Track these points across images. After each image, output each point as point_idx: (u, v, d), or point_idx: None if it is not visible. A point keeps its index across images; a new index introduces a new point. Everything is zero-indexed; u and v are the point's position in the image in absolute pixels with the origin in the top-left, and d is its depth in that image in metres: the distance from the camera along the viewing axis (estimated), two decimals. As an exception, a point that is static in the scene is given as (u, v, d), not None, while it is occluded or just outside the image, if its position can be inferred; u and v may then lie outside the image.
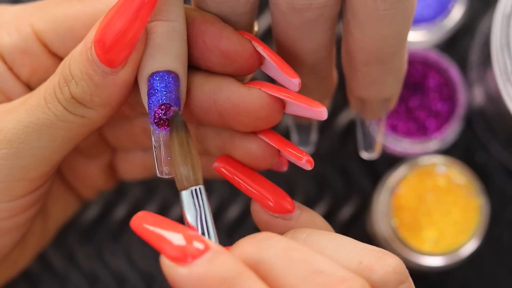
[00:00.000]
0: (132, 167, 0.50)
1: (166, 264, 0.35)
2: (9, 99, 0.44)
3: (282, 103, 0.41)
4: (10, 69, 0.44)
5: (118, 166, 0.51)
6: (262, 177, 0.42)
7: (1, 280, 0.49)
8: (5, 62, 0.44)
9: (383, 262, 0.37)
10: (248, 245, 0.36)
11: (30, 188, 0.42)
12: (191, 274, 0.34)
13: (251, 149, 0.41)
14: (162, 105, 0.39)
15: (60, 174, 0.50)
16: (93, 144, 0.49)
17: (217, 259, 0.35)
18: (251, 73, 0.42)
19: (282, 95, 0.40)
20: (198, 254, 0.35)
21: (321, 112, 0.40)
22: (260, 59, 0.41)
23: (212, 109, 0.40)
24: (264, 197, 0.41)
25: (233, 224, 0.62)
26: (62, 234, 0.61)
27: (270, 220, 0.41)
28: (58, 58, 0.44)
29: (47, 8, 0.43)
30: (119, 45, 0.38)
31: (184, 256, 0.35)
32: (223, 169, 0.42)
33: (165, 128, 0.39)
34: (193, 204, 0.38)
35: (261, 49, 0.41)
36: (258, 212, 0.42)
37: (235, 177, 0.42)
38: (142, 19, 0.38)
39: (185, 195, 0.38)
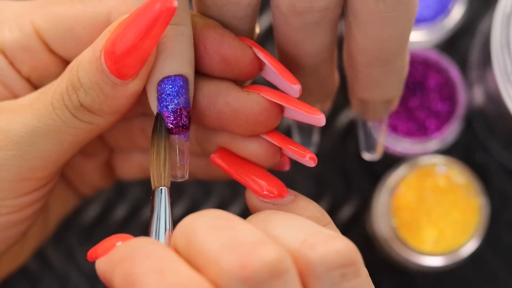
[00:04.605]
0: (129, 167, 0.50)
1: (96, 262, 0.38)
2: (11, 92, 0.44)
3: (281, 108, 0.41)
4: (11, 64, 0.44)
5: (116, 165, 0.51)
6: (258, 166, 0.42)
7: (2, 273, 0.49)
8: (6, 57, 0.44)
9: (327, 243, 0.35)
10: (184, 220, 0.37)
11: (36, 186, 0.43)
12: (110, 259, 0.36)
13: (253, 149, 0.41)
14: (175, 110, 0.39)
15: None
16: (91, 143, 0.49)
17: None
18: (251, 79, 0.42)
19: (280, 101, 0.40)
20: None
21: (319, 119, 0.40)
22: (260, 65, 0.41)
23: (210, 113, 0.40)
24: (254, 182, 0.41)
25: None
26: (63, 233, 0.61)
27: (259, 205, 0.41)
28: (58, 57, 0.44)
29: (49, 6, 0.43)
30: (131, 58, 0.38)
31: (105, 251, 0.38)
32: (217, 159, 0.42)
33: (180, 133, 0.39)
34: (158, 201, 0.40)
35: (262, 55, 0.41)
36: (249, 197, 0.42)
37: (228, 166, 0.42)
38: (155, 36, 0.37)
39: (157, 193, 0.40)
